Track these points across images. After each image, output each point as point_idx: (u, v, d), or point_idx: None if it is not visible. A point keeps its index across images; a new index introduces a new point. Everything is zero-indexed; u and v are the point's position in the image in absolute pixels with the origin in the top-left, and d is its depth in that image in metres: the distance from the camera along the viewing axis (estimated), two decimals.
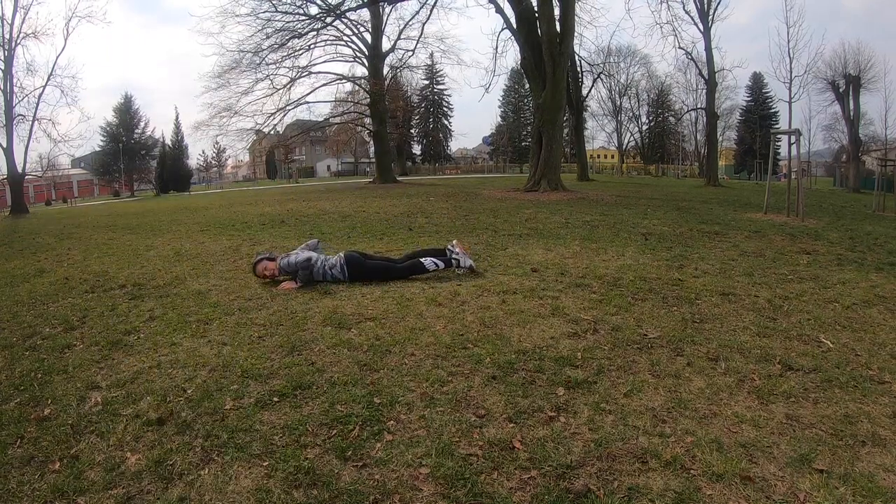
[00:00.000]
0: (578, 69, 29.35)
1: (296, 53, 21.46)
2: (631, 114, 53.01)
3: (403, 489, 1.75)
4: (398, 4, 22.98)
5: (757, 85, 52.66)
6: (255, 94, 21.17)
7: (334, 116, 28.52)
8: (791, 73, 27.46)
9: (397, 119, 32.89)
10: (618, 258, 5.38)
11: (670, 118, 54.40)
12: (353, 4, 21.23)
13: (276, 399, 2.38)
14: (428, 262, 4.52)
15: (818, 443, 1.99)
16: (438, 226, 8.26)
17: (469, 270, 4.61)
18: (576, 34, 19.38)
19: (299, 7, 20.57)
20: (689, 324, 3.30)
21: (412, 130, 56.11)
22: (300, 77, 21.99)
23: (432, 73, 53.59)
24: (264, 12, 20.26)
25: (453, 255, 4.61)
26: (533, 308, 3.61)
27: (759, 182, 30.70)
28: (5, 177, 21.53)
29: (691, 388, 2.42)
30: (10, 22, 19.76)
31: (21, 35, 20.08)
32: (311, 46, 21.77)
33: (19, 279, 5.45)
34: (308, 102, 23.20)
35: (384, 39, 23.69)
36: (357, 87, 25.36)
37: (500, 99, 59.55)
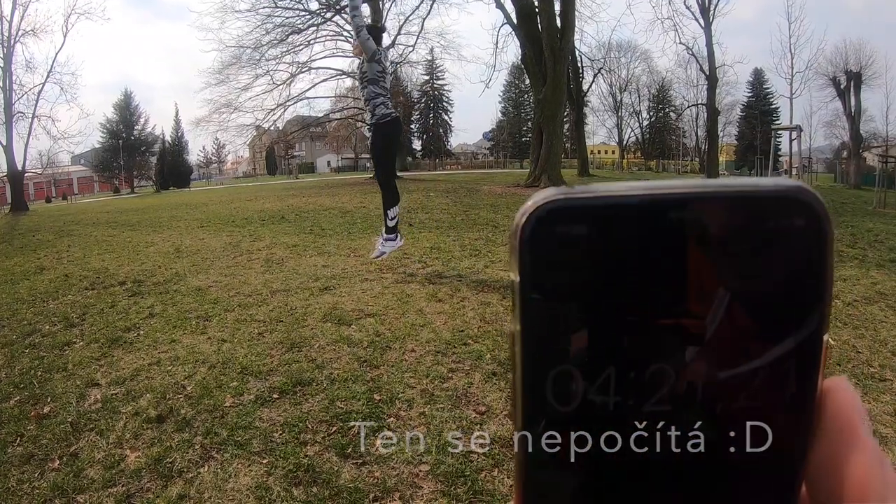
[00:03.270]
0: (579, 64, 29.25)
1: (296, 49, 21.43)
2: (631, 109, 52.86)
3: (403, 486, 1.75)
4: None
5: (758, 81, 52.48)
6: (255, 89, 21.16)
7: (334, 112, 28.46)
8: (792, 69, 27.46)
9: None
10: None
11: (671, 114, 54.25)
12: None
13: (275, 396, 2.37)
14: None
15: None
16: (439, 221, 8.24)
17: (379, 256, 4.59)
18: (576, 29, 19.31)
19: (299, 2, 20.52)
20: None
21: (412, 126, 56.02)
22: (300, 73, 21.97)
23: (432, 69, 53.41)
24: (264, 8, 20.24)
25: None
26: None
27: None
28: (5, 174, 21.53)
29: None
30: (9, 19, 19.73)
31: (20, 32, 20.06)
32: (311, 42, 21.73)
33: (19, 276, 5.45)
34: (308, 98, 23.20)
35: (384, 35, 23.62)
36: (357, 83, 25.29)
37: (501, 94, 59.40)
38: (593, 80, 35.60)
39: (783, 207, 0.15)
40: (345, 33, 22.71)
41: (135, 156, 47.50)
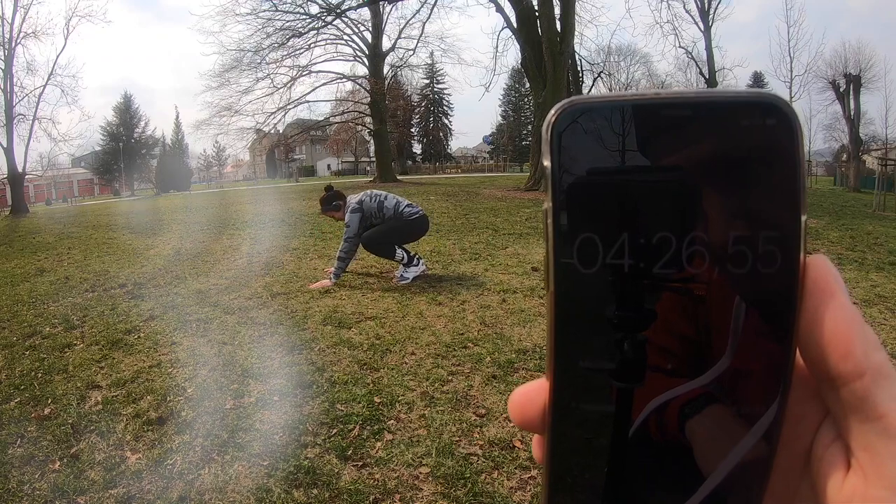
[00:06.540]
0: (579, 68, 29.29)
1: (296, 52, 21.48)
2: None
3: (404, 489, 1.75)
4: (398, 3, 23.02)
5: (757, 84, 52.54)
6: (256, 93, 21.22)
7: (335, 115, 28.53)
8: (791, 72, 27.42)
9: (398, 118, 32.88)
10: None
11: None
12: (354, 3, 21.23)
13: (276, 398, 2.38)
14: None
15: None
16: (439, 225, 8.25)
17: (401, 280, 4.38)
18: (576, 33, 19.37)
19: (300, 6, 20.59)
20: None
21: (412, 129, 56.06)
22: (301, 76, 22.00)
23: (433, 72, 53.53)
24: (265, 11, 20.30)
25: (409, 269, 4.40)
26: (533, 307, 3.61)
27: None
28: (5, 176, 21.53)
29: None
30: (10, 21, 19.78)
31: (21, 34, 20.09)
32: (312, 45, 21.79)
33: (20, 278, 5.45)
34: (308, 101, 23.24)
35: (385, 38, 23.69)
36: (357, 87, 25.37)
37: (501, 98, 59.49)
38: (593, 84, 35.53)
39: (759, 109, 0.18)
40: (345, 37, 22.82)
41: (135, 158, 47.52)
